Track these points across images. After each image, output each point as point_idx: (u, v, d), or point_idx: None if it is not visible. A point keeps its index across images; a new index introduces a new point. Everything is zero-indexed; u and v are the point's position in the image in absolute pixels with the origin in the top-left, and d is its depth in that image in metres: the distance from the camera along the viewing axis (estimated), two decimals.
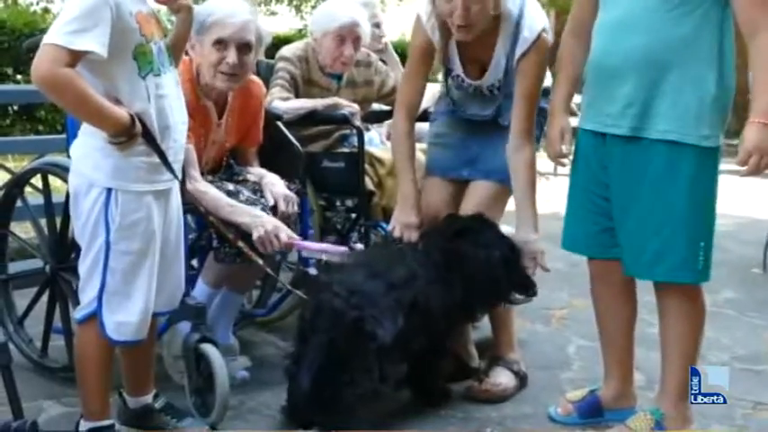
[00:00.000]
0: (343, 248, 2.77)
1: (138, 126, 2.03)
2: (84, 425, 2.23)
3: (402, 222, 2.67)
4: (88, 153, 2.11)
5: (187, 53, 2.59)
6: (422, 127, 3.10)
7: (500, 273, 2.56)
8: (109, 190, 2.08)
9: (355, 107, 3.21)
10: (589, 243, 2.51)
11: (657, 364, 2.47)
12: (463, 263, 2.54)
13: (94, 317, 2.13)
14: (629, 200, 2.34)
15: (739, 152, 2.14)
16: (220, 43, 2.62)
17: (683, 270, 2.31)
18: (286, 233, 2.58)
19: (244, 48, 2.65)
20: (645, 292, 2.52)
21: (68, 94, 1.95)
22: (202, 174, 2.68)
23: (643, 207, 2.31)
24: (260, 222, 2.58)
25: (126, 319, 2.13)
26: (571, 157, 2.55)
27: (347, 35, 3.28)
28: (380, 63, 3.62)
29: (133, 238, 2.11)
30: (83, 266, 2.16)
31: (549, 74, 2.82)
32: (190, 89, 2.61)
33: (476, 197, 2.76)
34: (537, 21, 2.59)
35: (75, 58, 1.92)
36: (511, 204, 2.76)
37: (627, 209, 2.35)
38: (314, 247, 2.77)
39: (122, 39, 2.00)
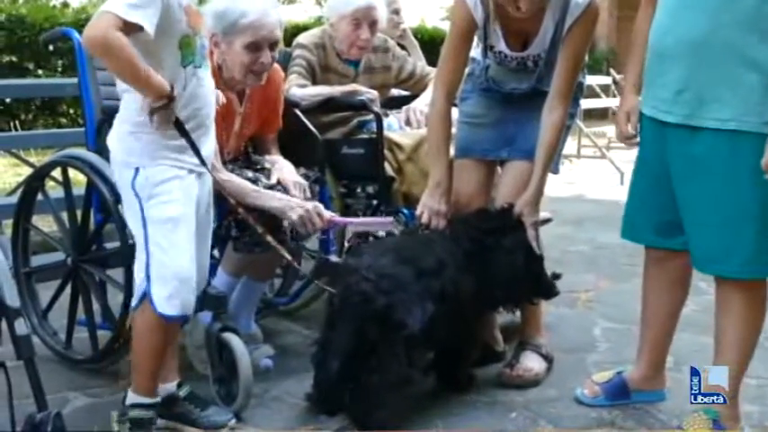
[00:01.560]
0: (388, 219, 2.74)
1: (177, 90, 2.13)
2: (131, 397, 2.29)
3: (431, 209, 2.60)
4: (121, 138, 2.23)
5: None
6: None
7: (522, 278, 2.53)
8: (137, 168, 2.19)
9: (374, 93, 3.18)
10: (651, 232, 2.39)
11: (687, 344, 2.43)
12: (489, 260, 2.50)
13: (145, 297, 2.19)
14: (691, 192, 2.21)
15: (765, 152, 2.03)
16: (254, 44, 2.60)
17: (754, 264, 2.18)
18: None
19: (274, 45, 2.66)
20: None
21: (120, 55, 2.02)
22: (224, 163, 2.67)
23: (707, 200, 2.18)
24: (295, 204, 2.58)
25: (170, 291, 2.17)
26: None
27: (363, 18, 3.25)
28: (398, 48, 3.58)
29: (167, 204, 2.18)
30: (136, 253, 2.24)
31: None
32: (214, 81, 2.60)
33: (515, 178, 2.69)
34: None
35: (128, 29, 2.02)
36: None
37: (691, 201, 2.23)
38: (358, 221, 2.73)
39: (170, 26, 2.11)
